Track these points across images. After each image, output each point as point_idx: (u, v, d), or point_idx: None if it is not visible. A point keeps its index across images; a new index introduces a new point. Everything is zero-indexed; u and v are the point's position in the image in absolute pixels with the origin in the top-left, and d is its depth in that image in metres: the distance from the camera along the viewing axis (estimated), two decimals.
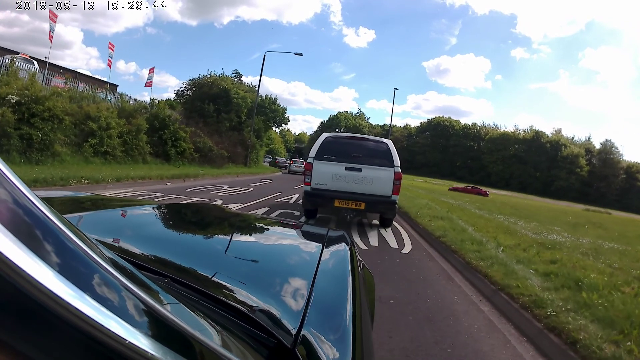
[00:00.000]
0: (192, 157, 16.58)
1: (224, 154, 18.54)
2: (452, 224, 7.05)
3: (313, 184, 5.92)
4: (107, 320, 0.26)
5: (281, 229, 1.42)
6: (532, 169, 62.94)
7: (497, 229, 7.10)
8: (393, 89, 27.08)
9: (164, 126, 15.08)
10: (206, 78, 24.42)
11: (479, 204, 16.18)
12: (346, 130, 75.34)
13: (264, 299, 0.63)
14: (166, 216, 1.28)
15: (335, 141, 6.27)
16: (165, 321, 0.32)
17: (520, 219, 10.88)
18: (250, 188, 11.07)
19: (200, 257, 0.86)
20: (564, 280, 3.54)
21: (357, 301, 0.74)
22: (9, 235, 0.24)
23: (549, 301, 2.90)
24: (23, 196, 0.27)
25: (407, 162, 66.54)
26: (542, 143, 63.72)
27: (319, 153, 5.98)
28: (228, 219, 1.42)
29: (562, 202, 43.58)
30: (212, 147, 17.66)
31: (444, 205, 11.62)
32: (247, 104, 23.29)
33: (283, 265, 0.94)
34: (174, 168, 13.81)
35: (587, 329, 2.42)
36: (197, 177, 12.46)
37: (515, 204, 21.57)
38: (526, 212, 15.56)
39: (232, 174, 15.49)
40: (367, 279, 1.16)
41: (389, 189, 5.93)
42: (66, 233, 0.28)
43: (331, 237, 1.18)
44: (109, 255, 0.35)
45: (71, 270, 0.27)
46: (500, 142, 65.30)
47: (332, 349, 0.54)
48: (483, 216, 9.80)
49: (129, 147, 12.98)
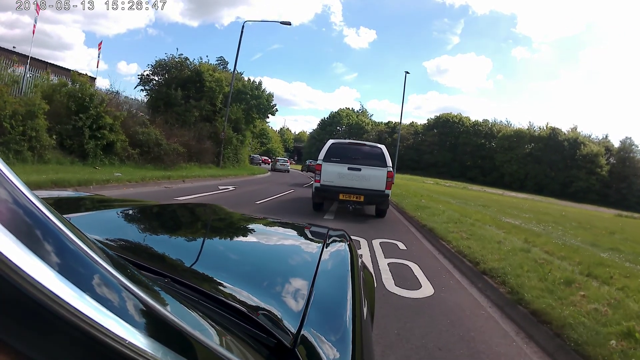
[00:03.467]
0: (129, 153, 12.01)
1: (179, 149, 13.85)
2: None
3: (322, 181, 7.23)
4: (107, 320, 0.26)
5: (282, 229, 1.39)
6: (548, 169, 58.18)
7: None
8: (404, 72, 22.55)
9: (83, 109, 10.53)
10: (174, 59, 19.97)
11: (531, 214, 11.64)
12: (347, 128, 71.32)
13: (264, 299, 0.63)
14: (166, 216, 1.30)
15: (339, 146, 7.64)
16: (165, 321, 0.32)
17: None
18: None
19: (200, 257, 0.86)
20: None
21: (357, 301, 0.74)
22: (9, 235, 0.23)
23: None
24: (23, 196, 0.27)
25: (414, 162, 62.05)
26: (559, 141, 58.87)
27: (327, 156, 7.34)
28: (228, 219, 1.42)
29: (587, 206, 38.80)
30: (159, 141, 13.05)
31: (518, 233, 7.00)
32: (222, 89, 18.78)
33: (283, 265, 0.93)
34: (82, 169, 9.26)
35: None
36: (107, 183, 7.90)
37: (578, 214, 16.92)
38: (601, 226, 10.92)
39: (176, 179, 10.83)
40: (367, 279, 1.15)
41: (383, 185, 7.31)
42: (66, 233, 0.28)
43: (331, 236, 1.18)
44: (109, 255, 0.35)
45: (71, 270, 0.27)
46: (514, 140, 60.41)
47: (332, 349, 0.54)
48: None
49: (12, 137, 8.47)
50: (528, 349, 2.52)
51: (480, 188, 41.56)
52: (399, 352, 2.22)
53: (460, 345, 2.41)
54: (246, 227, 1.33)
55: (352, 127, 71.03)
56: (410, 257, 4.68)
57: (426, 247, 5.91)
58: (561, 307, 2.77)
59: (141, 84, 20.65)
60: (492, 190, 41.90)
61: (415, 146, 62.76)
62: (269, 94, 20.82)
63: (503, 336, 2.68)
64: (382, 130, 68.50)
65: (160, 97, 18.95)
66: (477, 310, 3.13)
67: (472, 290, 3.68)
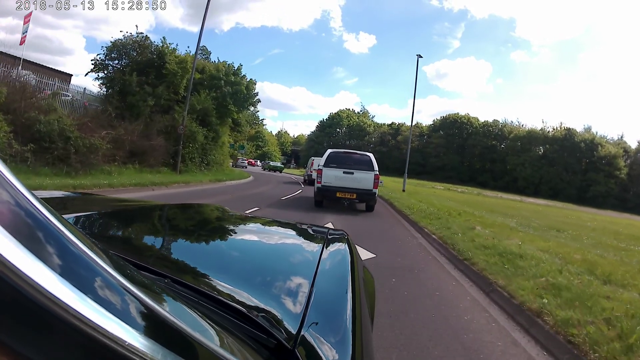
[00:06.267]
0: (15, 151, 7.92)
1: (98, 145, 9.53)
2: None
3: (323, 182, 8.79)
4: (106, 321, 0.26)
5: (282, 229, 1.38)
6: (564, 172, 54.00)
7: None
8: (416, 56, 18.57)
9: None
10: (132, 40, 16.01)
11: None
12: (348, 129, 67.24)
13: (264, 299, 0.63)
14: (166, 216, 1.28)
15: (337, 155, 9.31)
16: (165, 322, 0.32)
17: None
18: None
19: (201, 257, 0.86)
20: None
21: (357, 302, 0.73)
22: (9, 237, 0.23)
23: None
24: (23, 197, 0.27)
25: (419, 165, 57.23)
26: (575, 142, 54.67)
27: (326, 162, 8.98)
28: (228, 220, 1.41)
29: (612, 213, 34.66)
30: (67, 133, 8.88)
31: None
32: (187, 73, 14.76)
33: (283, 265, 0.93)
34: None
35: None
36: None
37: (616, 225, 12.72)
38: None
39: (78, 190, 6.76)
40: (367, 280, 1.13)
41: (371, 185, 8.87)
42: (66, 234, 0.28)
43: (331, 237, 1.16)
44: (109, 256, 0.34)
45: (71, 272, 0.27)
46: (527, 142, 56.25)
47: (332, 350, 0.54)
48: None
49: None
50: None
51: (495, 194, 37.43)
52: None
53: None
54: (246, 227, 1.33)
55: (353, 128, 66.93)
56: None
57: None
58: None
59: (95, 70, 16.72)
60: (508, 196, 37.78)
61: (420, 148, 58.50)
62: (250, 80, 16.77)
63: None
64: (384, 132, 64.41)
65: (115, 86, 15.05)
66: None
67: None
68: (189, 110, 14.38)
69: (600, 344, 2.33)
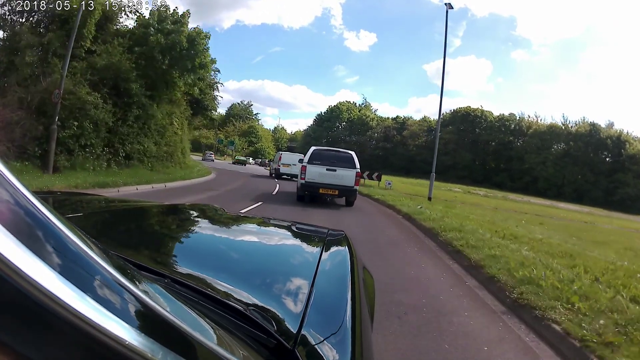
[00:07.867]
0: None
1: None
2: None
3: (306, 178, 9.07)
4: (106, 320, 0.26)
5: (282, 230, 1.40)
6: (589, 172, 48.18)
7: None
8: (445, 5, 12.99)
9: None
10: None
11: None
12: (348, 123, 61.34)
13: (264, 299, 0.63)
14: (166, 216, 1.28)
15: (320, 152, 9.74)
16: (165, 322, 0.32)
17: None
18: None
19: (201, 257, 0.86)
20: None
21: (356, 302, 0.74)
22: (10, 236, 0.23)
23: None
24: (23, 197, 0.27)
25: (428, 164, 49.12)
26: (601, 139, 48.80)
27: (310, 159, 9.29)
28: (228, 220, 1.41)
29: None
30: None
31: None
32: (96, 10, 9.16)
33: (283, 265, 0.93)
34: None
35: None
36: None
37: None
38: None
39: None
40: (367, 280, 1.11)
41: (352, 182, 9.20)
42: (66, 234, 0.28)
43: (331, 237, 1.16)
44: (109, 256, 0.35)
45: (71, 271, 0.27)
46: (548, 138, 50.39)
47: (331, 349, 0.54)
48: None
49: None
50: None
51: (520, 197, 31.85)
52: None
53: None
54: (246, 227, 1.33)
55: (354, 122, 61.04)
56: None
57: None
58: None
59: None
60: (536, 200, 32.22)
61: (429, 145, 52.51)
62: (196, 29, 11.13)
63: None
64: (389, 126, 58.61)
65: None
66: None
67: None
68: (85, 69, 8.79)
69: None
